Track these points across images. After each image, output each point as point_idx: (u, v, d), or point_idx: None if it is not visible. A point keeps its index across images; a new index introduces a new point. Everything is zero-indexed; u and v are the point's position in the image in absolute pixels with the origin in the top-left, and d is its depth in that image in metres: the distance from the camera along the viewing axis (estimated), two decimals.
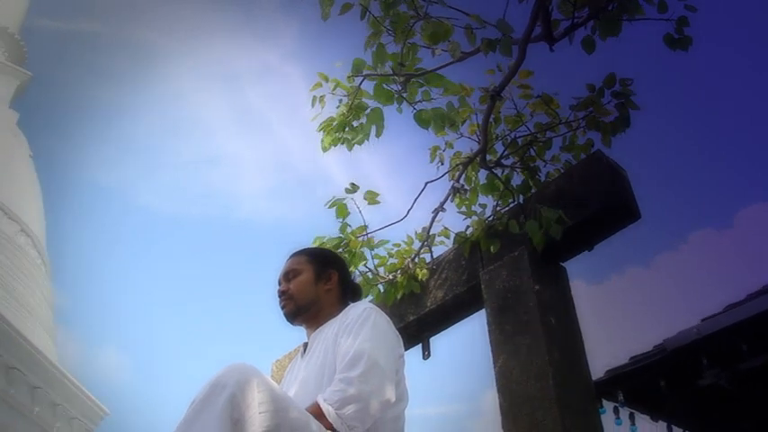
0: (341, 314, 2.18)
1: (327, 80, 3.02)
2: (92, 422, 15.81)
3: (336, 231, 3.17)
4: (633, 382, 5.03)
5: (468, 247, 2.95)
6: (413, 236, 3.23)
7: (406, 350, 2.27)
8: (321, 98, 3.05)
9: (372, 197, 3.12)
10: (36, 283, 16.60)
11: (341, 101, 3.07)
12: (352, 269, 3.07)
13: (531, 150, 3.11)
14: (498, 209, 3.01)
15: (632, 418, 5.24)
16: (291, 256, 2.41)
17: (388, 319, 2.17)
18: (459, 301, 2.96)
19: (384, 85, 2.97)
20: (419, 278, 3.08)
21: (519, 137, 3.12)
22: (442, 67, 2.95)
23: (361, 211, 3.14)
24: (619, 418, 5.14)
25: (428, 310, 3.03)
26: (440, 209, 3.13)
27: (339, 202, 3.11)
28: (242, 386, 1.62)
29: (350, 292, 2.39)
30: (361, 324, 2.03)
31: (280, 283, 2.35)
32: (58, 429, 14.52)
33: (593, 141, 3.02)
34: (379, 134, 2.99)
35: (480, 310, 2.82)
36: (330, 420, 1.78)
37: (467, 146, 3.18)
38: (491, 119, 3.00)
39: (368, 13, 2.81)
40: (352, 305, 2.22)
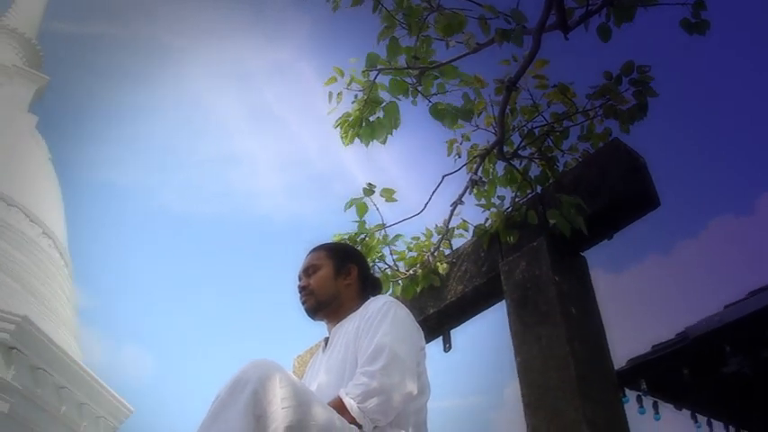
0: (361, 308, 2.19)
1: (342, 75, 3.02)
2: (117, 420, 15.95)
3: (354, 227, 3.17)
4: (656, 371, 5.00)
5: (488, 239, 2.94)
6: (431, 229, 3.22)
7: (426, 343, 2.28)
8: (339, 94, 3.05)
9: (389, 195, 3.11)
10: (59, 284, 16.77)
11: (356, 96, 3.06)
12: (371, 263, 3.08)
13: (549, 140, 3.09)
14: (517, 200, 3.00)
15: (656, 406, 5.22)
16: (311, 252, 2.42)
17: (409, 312, 2.17)
18: (479, 293, 2.95)
19: (399, 79, 2.96)
20: (439, 271, 3.08)
21: (536, 127, 3.10)
22: (456, 59, 2.93)
23: (378, 209, 3.14)
24: (642, 407, 5.12)
25: (448, 302, 3.03)
26: (458, 201, 3.12)
27: (358, 201, 3.11)
28: (264, 382, 1.62)
29: (370, 286, 2.39)
30: (382, 318, 2.03)
31: (300, 279, 2.36)
32: (85, 428, 14.66)
33: (611, 130, 2.99)
34: (396, 126, 2.98)
35: (500, 301, 2.81)
36: (353, 414, 1.79)
37: (483, 138, 3.17)
38: (507, 110, 2.99)
39: (380, 6, 2.80)
40: (372, 299, 2.23)
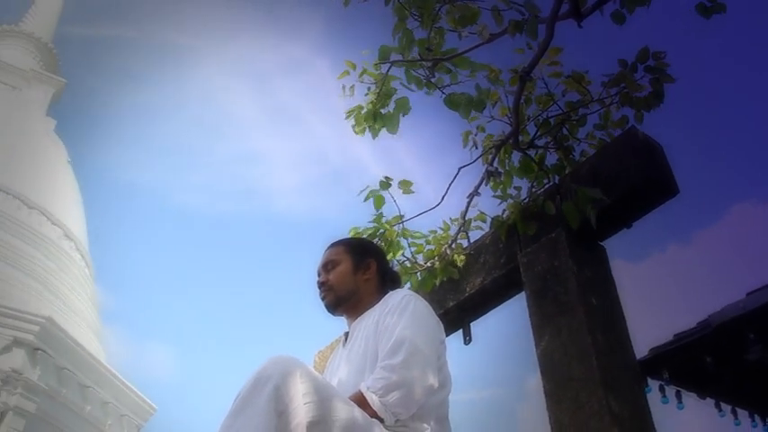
0: (380, 302, 2.19)
1: (354, 68, 3.01)
2: (141, 418, 16.12)
3: (372, 222, 3.17)
4: (678, 360, 4.97)
5: (505, 231, 2.92)
6: (448, 222, 3.22)
7: (447, 336, 2.27)
8: (351, 87, 3.05)
9: (407, 186, 3.11)
10: (81, 285, 16.96)
11: (369, 89, 3.06)
12: (390, 257, 3.08)
13: (564, 129, 3.07)
14: (534, 190, 2.98)
15: (679, 395, 5.18)
16: (329, 248, 2.42)
17: (428, 304, 2.17)
18: (498, 284, 2.94)
19: (412, 71, 2.96)
20: (457, 264, 3.07)
21: (551, 116, 3.07)
22: (469, 50, 2.92)
23: (395, 201, 3.14)
24: (665, 396, 5.09)
25: (467, 295, 3.02)
26: (475, 193, 3.11)
27: (375, 193, 3.11)
28: (285, 378, 1.63)
29: (389, 280, 2.39)
30: (401, 311, 2.03)
31: (319, 275, 2.36)
32: (110, 426, 14.84)
33: (627, 117, 2.97)
34: (406, 113, 2.98)
35: (520, 293, 2.80)
36: (374, 408, 1.79)
37: (499, 129, 3.15)
38: (522, 100, 2.97)
39: None
40: (391, 293, 2.22)
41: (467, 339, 3.13)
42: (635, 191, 2.57)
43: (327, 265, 2.34)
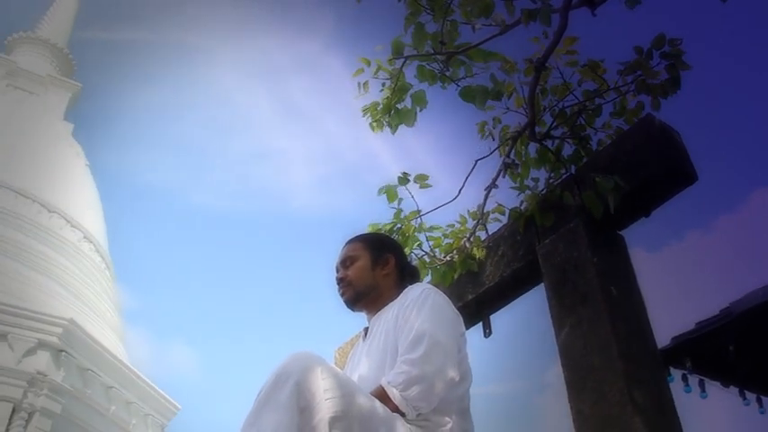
0: (400, 297, 2.19)
1: (369, 64, 3.01)
2: (165, 418, 16.23)
3: (389, 217, 3.17)
4: (701, 349, 4.92)
5: (523, 222, 2.91)
6: (466, 215, 3.21)
7: (466, 329, 2.27)
8: (365, 84, 3.04)
9: (423, 180, 3.10)
10: (102, 287, 17.10)
11: (384, 84, 3.05)
12: (407, 251, 3.07)
13: (581, 119, 3.05)
14: (551, 181, 2.96)
15: (702, 384, 5.14)
16: (347, 243, 2.43)
17: (447, 298, 2.17)
18: (518, 276, 2.93)
19: (426, 65, 2.95)
20: (476, 257, 3.06)
21: (567, 106, 3.05)
22: (483, 42, 2.91)
23: (413, 196, 3.14)
24: (688, 385, 5.05)
25: (486, 287, 3.01)
26: (492, 185, 3.10)
27: (390, 188, 3.11)
28: (306, 374, 1.63)
29: (407, 274, 2.39)
30: (421, 305, 2.03)
31: (338, 271, 2.36)
32: (134, 426, 14.96)
33: (643, 105, 2.94)
34: (423, 107, 2.97)
35: (539, 284, 2.79)
36: (396, 403, 1.79)
37: (515, 120, 3.13)
38: (537, 90, 2.95)
39: None
40: (410, 287, 2.22)
41: (486, 332, 3.12)
42: (653, 179, 2.55)
43: (346, 261, 2.35)
